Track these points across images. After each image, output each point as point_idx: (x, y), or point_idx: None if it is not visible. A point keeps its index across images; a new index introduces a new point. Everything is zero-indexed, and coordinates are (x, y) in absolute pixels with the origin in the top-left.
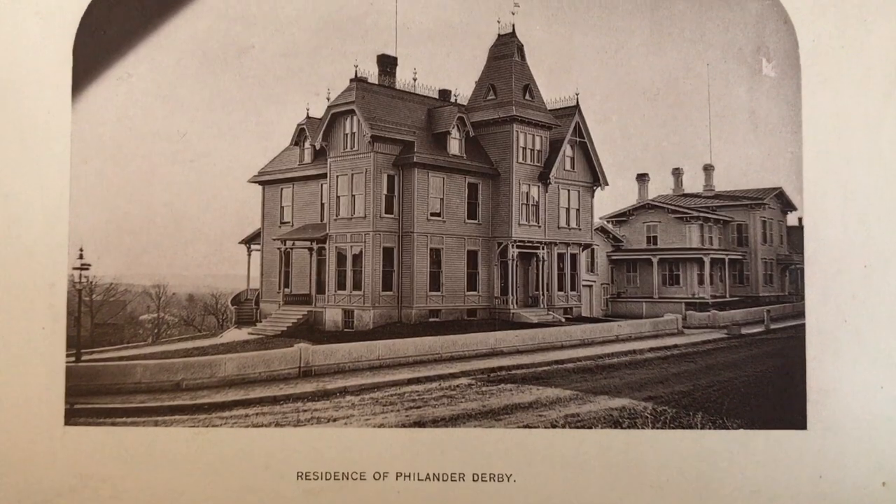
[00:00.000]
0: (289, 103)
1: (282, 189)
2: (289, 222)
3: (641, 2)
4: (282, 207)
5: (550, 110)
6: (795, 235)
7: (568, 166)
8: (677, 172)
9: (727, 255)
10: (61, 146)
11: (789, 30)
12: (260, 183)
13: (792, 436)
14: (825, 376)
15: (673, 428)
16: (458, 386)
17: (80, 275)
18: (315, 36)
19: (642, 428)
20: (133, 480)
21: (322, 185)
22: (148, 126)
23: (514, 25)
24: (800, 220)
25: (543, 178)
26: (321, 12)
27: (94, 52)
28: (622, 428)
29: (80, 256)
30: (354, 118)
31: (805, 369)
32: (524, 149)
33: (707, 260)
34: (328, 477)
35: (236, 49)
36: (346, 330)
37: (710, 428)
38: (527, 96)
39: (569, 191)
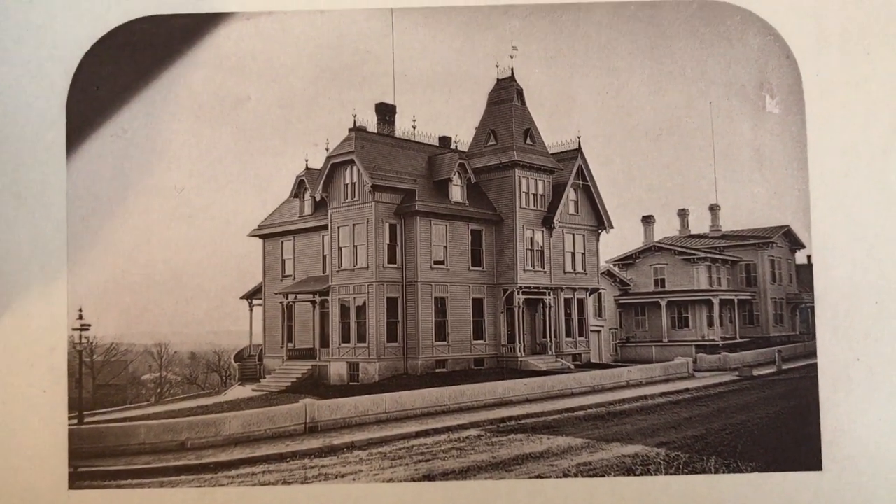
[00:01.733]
0: (287, 154)
1: (282, 242)
2: (290, 275)
3: (641, 41)
4: (283, 260)
5: (552, 154)
6: (805, 274)
7: (572, 210)
8: (683, 213)
9: (736, 295)
10: (57, 204)
11: (792, 65)
12: (260, 236)
13: (807, 477)
14: (839, 416)
15: (686, 473)
16: (467, 437)
17: (81, 335)
18: (312, 85)
19: (655, 474)
20: None
21: (323, 237)
22: (144, 182)
23: (512, 69)
24: (808, 258)
25: (547, 222)
26: (317, 61)
27: (88, 109)
28: (635, 475)
29: (80, 317)
30: (354, 168)
31: (819, 409)
32: (527, 194)
33: (716, 301)
34: None
35: (232, 101)
36: (351, 383)
37: (724, 472)
38: (528, 140)
39: (573, 235)
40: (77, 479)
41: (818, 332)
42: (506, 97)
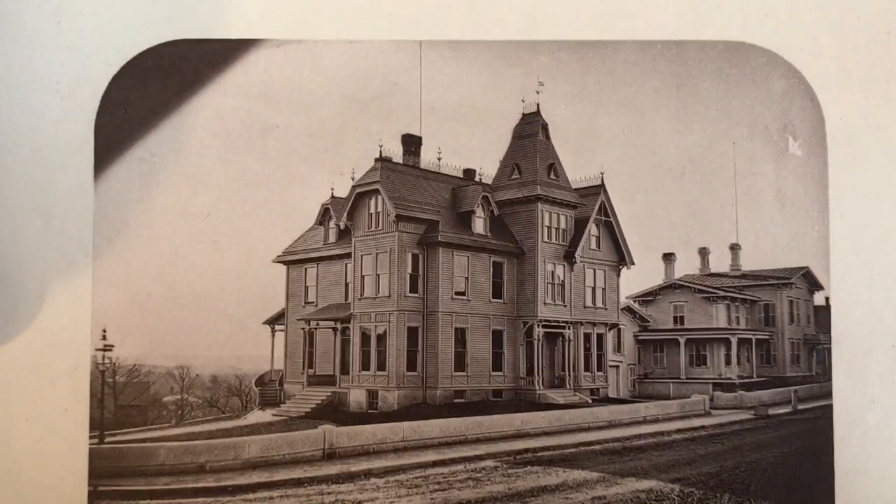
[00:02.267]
0: (313, 183)
1: (306, 269)
2: (313, 302)
3: (667, 80)
4: (306, 287)
5: (575, 189)
6: (822, 315)
7: (593, 245)
8: (703, 252)
9: (754, 335)
10: (84, 225)
11: (816, 108)
12: (284, 263)
13: None
14: (853, 457)
15: None
16: (483, 468)
17: (104, 356)
18: (339, 115)
19: None
20: None
21: (346, 265)
22: (171, 206)
23: (538, 104)
24: (827, 299)
25: (569, 257)
26: (345, 91)
27: (116, 132)
28: None
29: (104, 337)
30: (379, 198)
31: (833, 450)
32: (549, 228)
33: (734, 340)
34: None
35: (260, 128)
36: (370, 411)
37: None
38: (552, 175)
39: (594, 270)
40: (96, 498)
41: (834, 373)
42: (531, 132)
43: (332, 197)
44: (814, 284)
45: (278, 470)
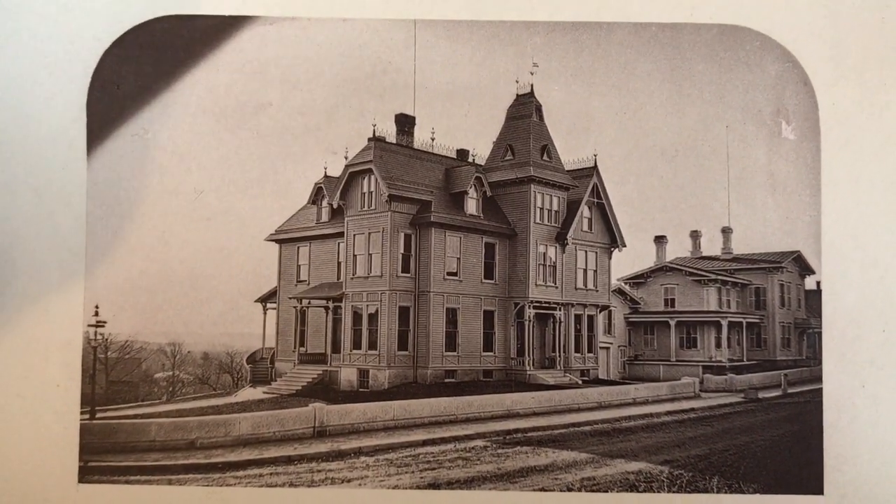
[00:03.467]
0: (306, 161)
1: (298, 247)
2: (305, 281)
3: (660, 63)
4: (298, 266)
5: (568, 171)
6: (813, 299)
7: (585, 227)
8: (695, 235)
9: (745, 318)
10: (77, 202)
11: (809, 92)
12: (277, 241)
13: (809, 501)
14: (842, 441)
15: (689, 492)
16: (473, 448)
17: (96, 332)
18: (333, 93)
19: (658, 491)
20: None
21: (339, 244)
22: (164, 183)
23: (532, 85)
24: (818, 283)
25: (561, 238)
26: (339, 69)
27: (108, 108)
28: (638, 491)
29: (96, 314)
30: (372, 177)
31: (822, 434)
32: (541, 209)
33: (725, 323)
34: None
35: (253, 106)
36: (361, 390)
37: (726, 492)
38: (545, 157)
39: (586, 252)
40: (87, 474)
41: (825, 357)
42: (524, 113)
43: (325, 176)
44: (805, 268)
45: (268, 447)
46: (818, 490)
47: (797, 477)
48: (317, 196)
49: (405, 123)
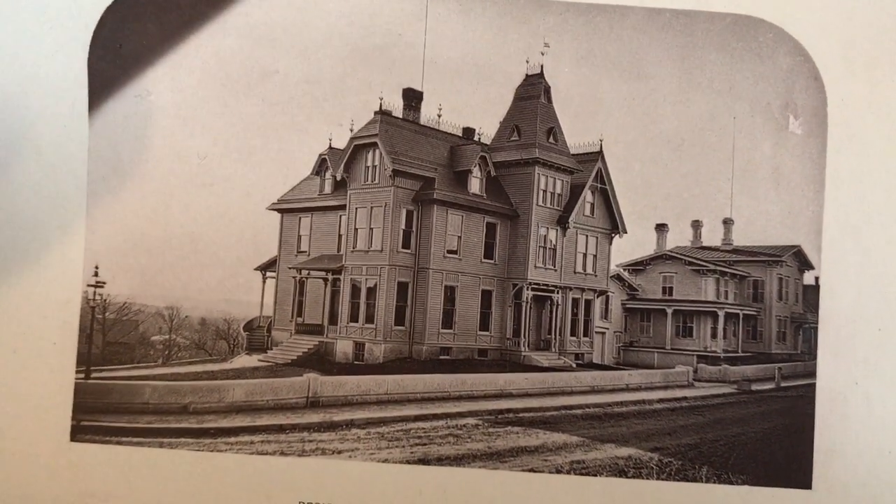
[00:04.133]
0: (311, 132)
1: (300, 218)
2: (305, 251)
3: (672, 50)
4: (299, 236)
5: (573, 155)
6: (811, 294)
7: (587, 212)
8: (696, 224)
9: (742, 310)
10: (79, 162)
11: (819, 87)
12: (279, 210)
13: (796, 495)
14: (833, 437)
15: (678, 480)
16: (464, 426)
17: (95, 292)
18: (341, 64)
19: (647, 478)
20: (135, 500)
21: (341, 217)
22: (167, 147)
23: (542, 66)
24: (816, 279)
25: (562, 222)
26: (348, 40)
27: (111, 68)
28: (627, 477)
29: (96, 274)
30: (377, 151)
31: (813, 429)
32: (545, 192)
33: (721, 314)
34: None
35: (260, 72)
36: (356, 362)
37: (715, 482)
38: (550, 139)
39: (587, 236)
40: (79, 433)
41: (819, 353)
42: (533, 93)
43: (330, 147)
44: (804, 263)
45: (261, 415)
46: (807, 484)
47: (786, 471)
48: (320, 167)
49: (412, 98)
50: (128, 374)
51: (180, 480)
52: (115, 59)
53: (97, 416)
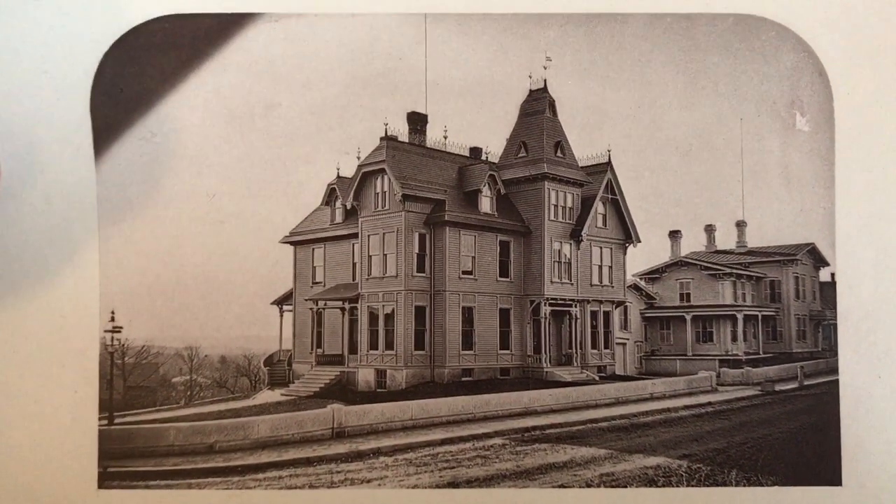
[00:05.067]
0: (318, 162)
1: (313, 249)
2: (321, 282)
3: (675, 54)
4: (313, 267)
5: (582, 167)
6: (828, 291)
7: (600, 223)
8: (710, 229)
9: (760, 311)
10: (88, 207)
11: (824, 82)
12: (291, 243)
13: (827, 492)
14: (860, 432)
15: (708, 485)
16: (492, 446)
17: (112, 337)
18: (343, 92)
19: (677, 486)
20: None
21: (353, 245)
22: (175, 187)
23: (545, 80)
24: (832, 275)
25: (575, 235)
26: (348, 67)
27: (114, 111)
28: (657, 486)
29: (112, 319)
30: (385, 177)
31: (839, 425)
32: (556, 206)
33: (740, 316)
34: None
35: (263, 106)
36: (378, 390)
37: (744, 485)
38: (558, 153)
39: (601, 248)
40: (106, 479)
41: (840, 349)
42: (538, 108)
43: (338, 177)
44: (819, 261)
45: (288, 449)
46: (837, 481)
47: (815, 468)
48: (330, 197)
49: (417, 121)
50: (151, 417)
51: None
52: (117, 104)
53: (123, 461)
